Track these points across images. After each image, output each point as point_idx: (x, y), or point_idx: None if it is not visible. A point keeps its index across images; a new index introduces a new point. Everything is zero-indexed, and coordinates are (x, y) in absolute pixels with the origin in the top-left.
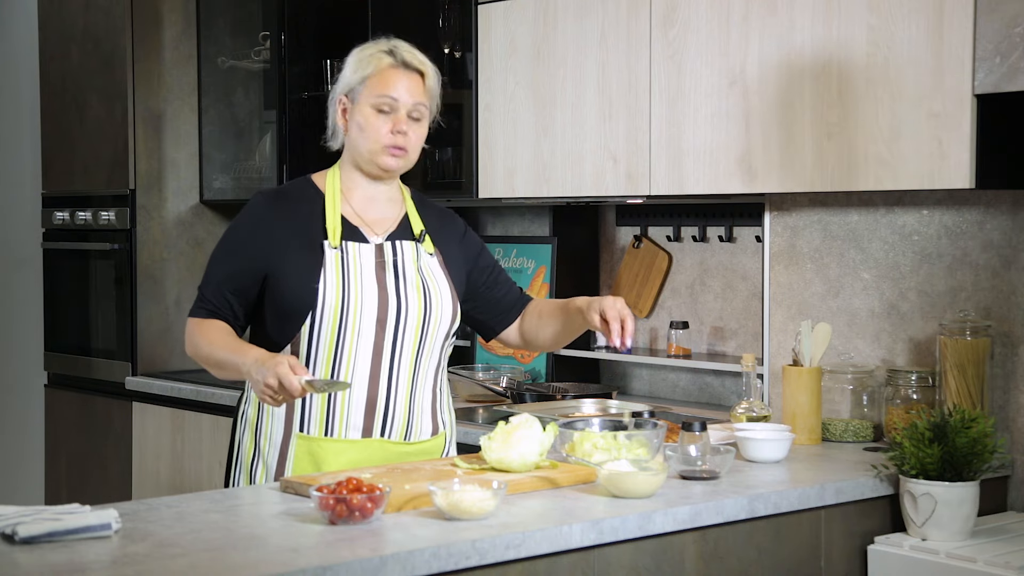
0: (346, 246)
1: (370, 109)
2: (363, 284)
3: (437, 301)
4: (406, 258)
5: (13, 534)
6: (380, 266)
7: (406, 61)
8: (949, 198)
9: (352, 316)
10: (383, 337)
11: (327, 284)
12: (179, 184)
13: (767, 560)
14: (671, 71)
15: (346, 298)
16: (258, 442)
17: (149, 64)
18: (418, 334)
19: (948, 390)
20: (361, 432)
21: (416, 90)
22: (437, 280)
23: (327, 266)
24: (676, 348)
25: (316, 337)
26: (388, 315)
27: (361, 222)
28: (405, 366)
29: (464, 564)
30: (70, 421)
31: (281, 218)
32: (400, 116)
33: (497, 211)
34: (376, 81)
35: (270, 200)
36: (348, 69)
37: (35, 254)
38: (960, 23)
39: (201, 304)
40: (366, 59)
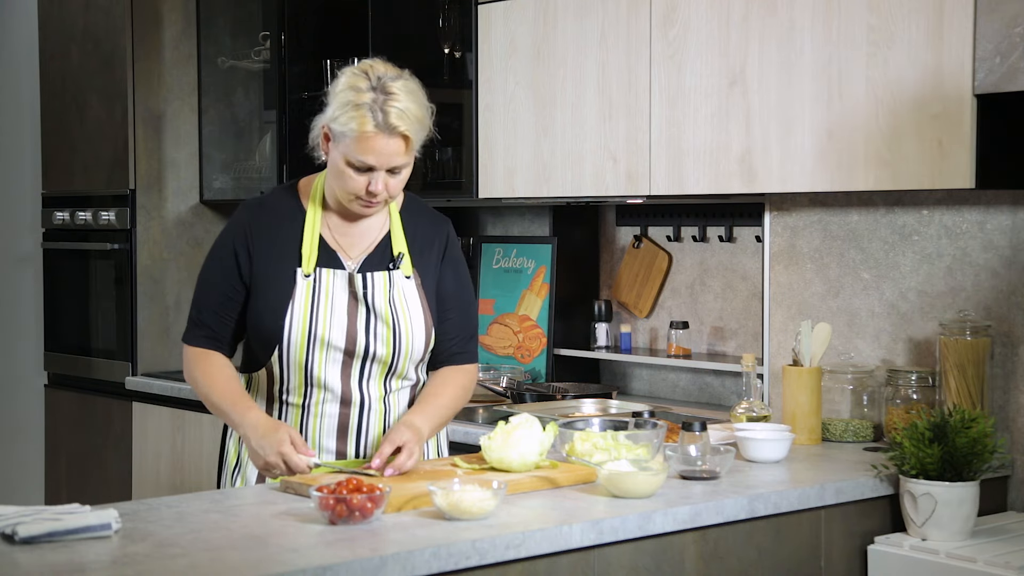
0: (320, 273)
1: (346, 164)
2: (332, 316)
3: (407, 335)
4: (376, 292)
5: (13, 534)
6: (353, 296)
7: (390, 125)
8: (949, 198)
9: (319, 349)
10: (351, 365)
11: (294, 318)
12: (179, 184)
13: (767, 560)
14: (671, 71)
15: (312, 331)
16: (240, 453)
17: (149, 64)
18: (386, 366)
19: (948, 390)
20: (335, 455)
21: (397, 153)
22: (411, 310)
23: (296, 297)
24: (676, 348)
25: (287, 364)
26: (356, 348)
27: (339, 246)
28: (375, 390)
29: (464, 564)
30: (70, 421)
31: (262, 237)
32: (378, 178)
33: (497, 211)
34: (355, 143)
35: (254, 215)
36: (335, 104)
37: (35, 254)
38: (960, 23)
39: (199, 330)
40: (351, 110)
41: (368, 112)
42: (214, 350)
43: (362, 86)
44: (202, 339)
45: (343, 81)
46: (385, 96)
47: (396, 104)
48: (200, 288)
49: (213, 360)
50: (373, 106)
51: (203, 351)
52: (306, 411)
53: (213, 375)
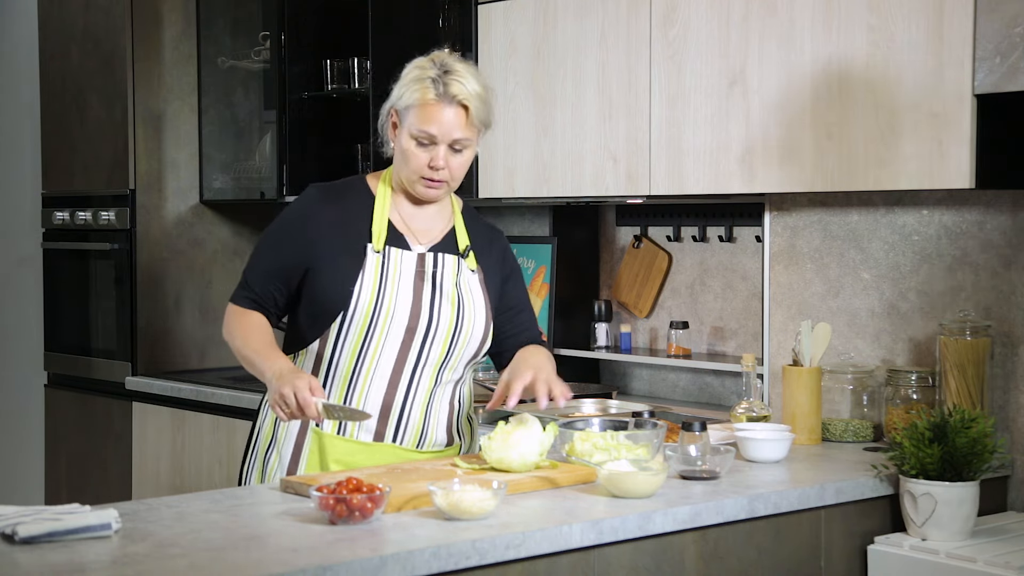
0: (388, 251)
1: (410, 139)
2: (399, 291)
3: (470, 319)
4: (446, 271)
5: (13, 534)
6: (419, 275)
7: (450, 94)
8: (949, 198)
9: (382, 322)
10: (409, 346)
11: (363, 287)
12: (179, 184)
13: (767, 560)
14: (671, 71)
15: (379, 304)
16: (276, 432)
17: (149, 64)
18: (445, 348)
19: (948, 390)
20: (373, 436)
21: (458, 124)
22: (474, 298)
23: (366, 269)
24: (676, 348)
25: (343, 338)
26: (418, 325)
27: (407, 230)
28: (426, 377)
29: (464, 564)
30: (70, 421)
31: (330, 214)
32: (438, 152)
33: (497, 211)
34: (418, 113)
35: (322, 195)
36: (401, 84)
37: (35, 254)
38: (960, 23)
39: (245, 291)
40: (414, 84)
41: (430, 83)
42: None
43: (426, 65)
44: (245, 300)
45: (409, 67)
46: (447, 72)
47: (457, 78)
48: (254, 255)
49: (251, 316)
50: (436, 79)
51: (244, 309)
52: (352, 387)
53: (248, 328)
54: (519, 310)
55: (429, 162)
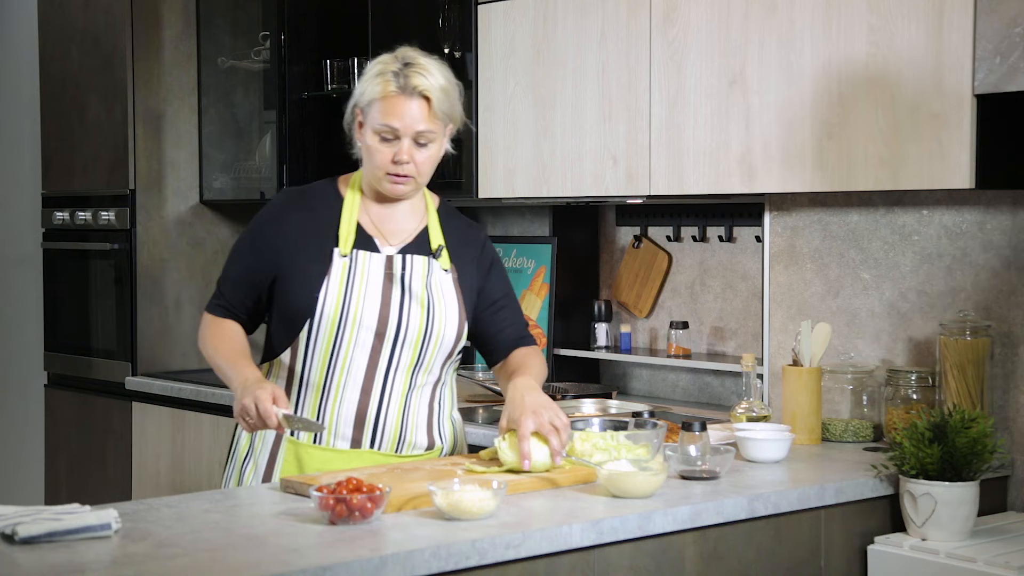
0: (356, 255)
1: (373, 134)
2: (366, 296)
3: (441, 321)
4: (415, 273)
5: (13, 534)
6: (388, 278)
7: (411, 86)
8: (949, 198)
9: (350, 327)
10: (380, 351)
11: (328, 293)
12: (179, 184)
13: (767, 560)
14: (671, 71)
15: (345, 309)
16: (253, 442)
17: (149, 64)
18: (416, 352)
19: (948, 390)
20: (350, 443)
21: (420, 117)
22: (446, 299)
23: (331, 274)
24: (676, 348)
25: (312, 346)
26: (387, 329)
27: (376, 232)
28: (400, 381)
29: (464, 564)
30: (70, 421)
31: (299, 219)
32: (402, 146)
33: (497, 211)
34: (380, 107)
35: (292, 200)
36: (363, 81)
37: (35, 254)
38: (960, 23)
39: (217, 300)
40: (375, 78)
41: (391, 76)
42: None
43: (388, 60)
44: (218, 308)
45: (370, 64)
46: (408, 65)
47: (418, 70)
48: (227, 263)
49: (225, 324)
50: (397, 72)
51: (217, 318)
52: (326, 394)
53: (220, 336)
54: (502, 306)
55: (393, 156)
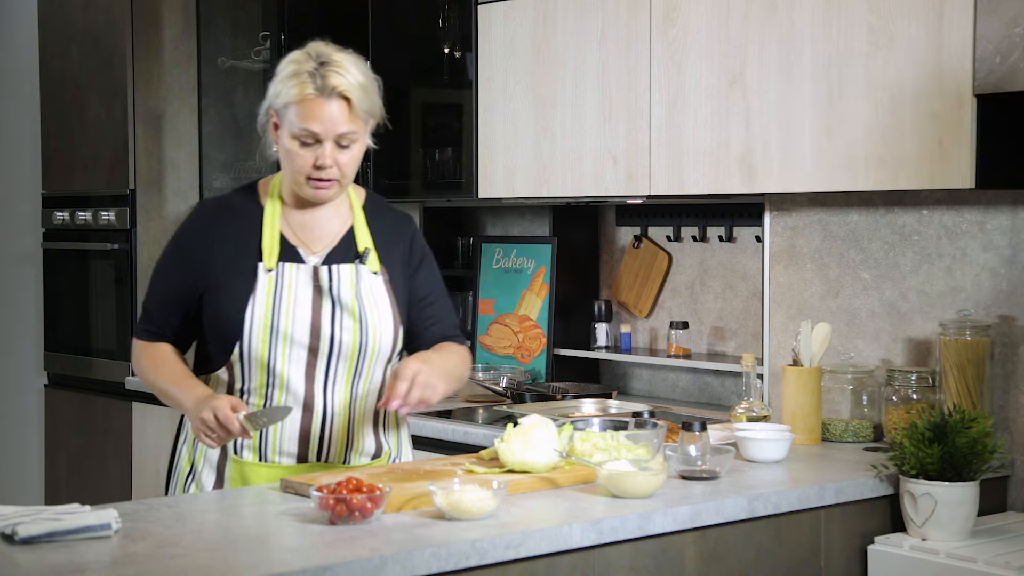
0: (282, 268)
1: (292, 139)
2: (295, 311)
3: (375, 330)
4: (342, 284)
5: (13, 534)
6: (317, 290)
7: (330, 87)
8: (949, 198)
9: (282, 344)
10: (315, 365)
11: (255, 311)
12: (179, 184)
13: (767, 560)
14: (671, 71)
15: (275, 326)
16: (195, 459)
17: (149, 64)
18: (352, 363)
19: (948, 390)
20: (296, 459)
21: (342, 118)
22: (378, 304)
23: (258, 292)
24: (676, 348)
25: (247, 364)
26: (320, 344)
27: (299, 241)
28: (339, 394)
29: (464, 564)
30: (70, 421)
31: (220, 233)
32: (325, 149)
33: (497, 211)
34: (298, 111)
35: (212, 213)
36: (277, 81)
37: (35, 254)
38: (960, 23)
39: (145, 324)
40: (290, 79)
41: (308, 77)
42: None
43: (302, 59)
44: (147, 333)
45: (282, 64)
46: (324, 64)
47: (334, 68)
48: (150, 285)
49: (159, 348)
50: (313, 72)
51: (148, 343)
52: None
53: (158, 361)
54: (429, 302)
55: (315, 161)
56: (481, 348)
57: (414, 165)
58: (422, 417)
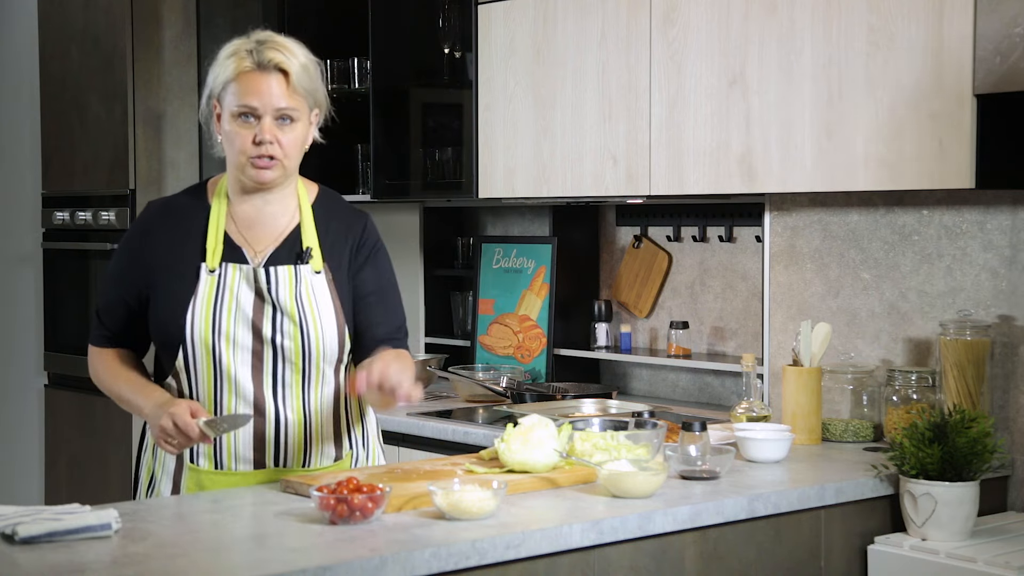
0: (225, 269)
1: (232, 118)
2: (237, 312)
3: (316, 333)
4: (280, 287)
5: (13, 534)
6: (258, 293)
7: (266, 61)
8: (949, 198)
9: (225, 349)
10: (261, 370)
11: (195, 314)
12: (179, 184)
13: (767, 560)
14: (671, 71)
15: (217, 329)
16: (154, 469)
17: (149, 64)
18: (299, 366)
19: (948, 390)
20: (253, 465)
21: (280, 92)
22: (320, 306)
23: (199, 293)
24: (676, 348)
25: (193, 370)
26: (263, 348)
27: (244, 240)
28: (291, 397)
29: (464, 564)
30: (70, 421)
31: (165, 234)
32: (264, 124)
33: (497, 211)
34: (236, 88)
35: (157, 213)
36: (216, 65)
37: (35, 254)
38: (960, 23)
39: (99, 330)
40: (228, 60)
41: (245, 54)
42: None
43: (239, 41)
44: (101, 338)
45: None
46: (263, 43)
47: (273, 45)
48: (101, 290)
49: (114, 353)
50: (251, 50)
51: (103, 349)
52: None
53: (114, 367)
54: (372, 301)
55: (254, 138)
56: (481, 348)
57: (414, 165)
58: (422, 417)
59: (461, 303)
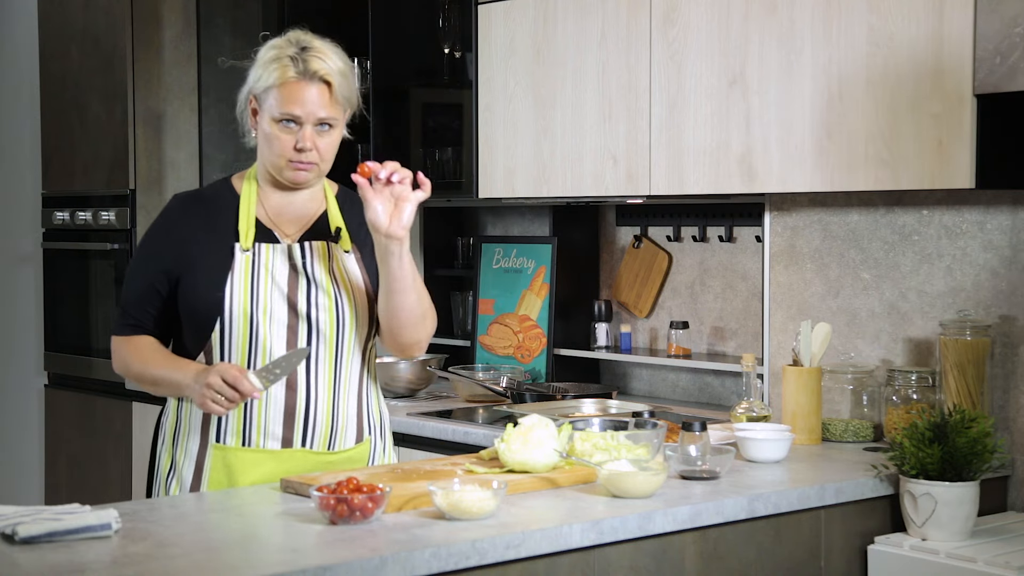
0: (258, 248)
1: (273, 122)
2: (273, 289)
3: (350, 306)
4: (315, 260)
5: (13, 534)
6: (293, 269)
7: (311, 71)
8: (949, 198)
9: (262, 323)
10: (295, 345)
11: (234, 289)
12: (179, 184)
13: (767, 560)
14: (671, 71)
15: (255, 304)
16: (175, 456)
17: (149, 64)
18: (332, 341)
19: (948, 390)
20: (281, 443)
21: (322, 102)
22: (352, 281)
23: (235, 270)
24: (676, 348)
25: (227, 345)
26: (299, 323)
27: (274, 224)
28: (323, 373)
29: (464, 564)
30: (70, 421)
31: (194, 221)
32: (305, 132)
33: (497, 211)
34: (279, 94)
35: (185, 203)
36: (258, 66)
37: (35, 254)
38: (960, 23)
39: (125, 320)
40: (271, 64)
41: (289, 62)
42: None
43: (281, 44)
44: (127, 328)
45: (262, 50)
46: (305, 49)
47: (315, 54)
48: (126, 281)
49: (141, 340)
50: (294, 56)
51: (128, 337)
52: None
53: (143, 352)
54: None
55: (296, 144)
56: (481, 348)
57: (414, 165)
58: (422, 417)
59: (461, 303)
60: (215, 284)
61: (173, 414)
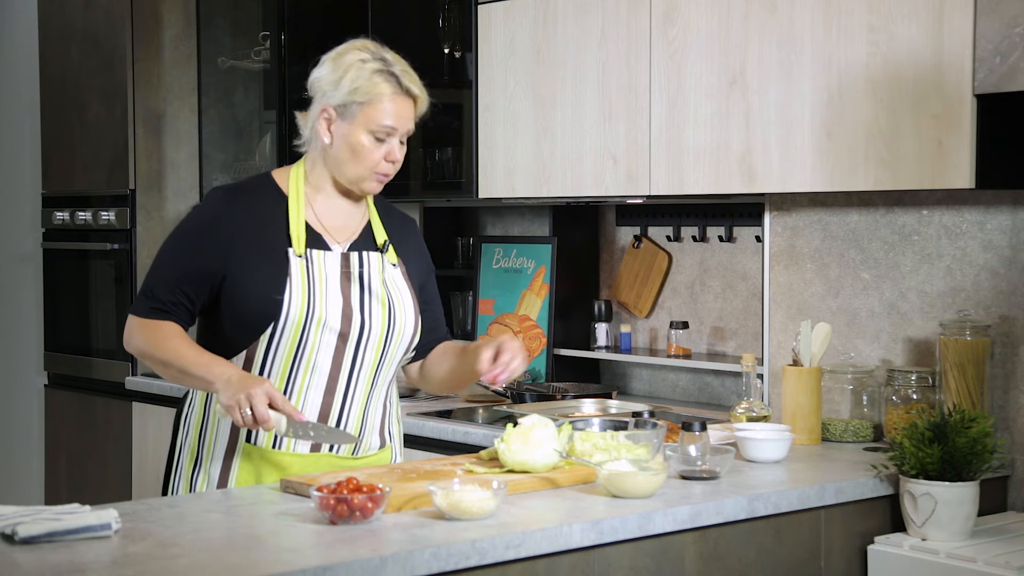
0: (311, 254)
1: (366, 135)
2: (328, 296)
3: (401, 316)
4: (372, 270)
5: (13, 534)
6: (346, 276)
7: (405, 87)
8: (949, 198)
9: (315, 329)
10: (343, 351)
11: (292, 295)
12: (179, 184)
13: (767, 560)
14: (671, 71)
15: (311, 311)
16: (200, 452)
17: (149, 64)
18: (379, 349)
19: (948, 390)
20: (310, 447)
21: (411, 116)
22: (401, 293)
23: (293, 276)
24: (676, 348)
25: (275, 347)
26: (351, 329)
27: (323, 229)
28: (363, 382)
29: (464, 564)
30: (70, 421)
31: (243, 218)
32: (394, 145)
33: (497, 211)
34: (376, 109)
35: (231, 197)
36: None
37: (35, 254)
38: (960, 23)
39: (149, 301)
40: (363, 80)
41: (390, 76)
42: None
43: (366, 56)
44: (150, 310)
45: (346, 60)
46: (387, 62)
47: (405, 69)
48: (157, 266)
49: (165, 326)
50: (384, 71)
51: (150, 320)
52: (288, 396)
53: (168, 338)
54: (435, 305)
55: (386, 156)
56: None
57: (414, 165)
58: (422, 417)
59: (461, 303)
60: (274, 287)
61: (200, 409)
